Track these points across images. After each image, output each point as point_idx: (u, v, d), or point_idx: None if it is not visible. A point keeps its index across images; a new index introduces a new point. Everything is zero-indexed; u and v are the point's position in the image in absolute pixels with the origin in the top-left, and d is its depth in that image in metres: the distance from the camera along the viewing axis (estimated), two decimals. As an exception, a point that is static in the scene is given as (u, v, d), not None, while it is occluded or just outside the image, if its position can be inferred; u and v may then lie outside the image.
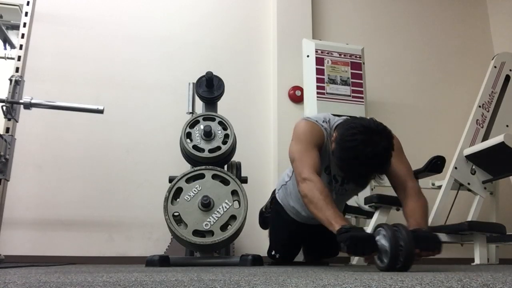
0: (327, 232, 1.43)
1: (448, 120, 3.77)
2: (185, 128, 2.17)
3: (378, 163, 1.42)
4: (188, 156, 2.18)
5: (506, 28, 4.01)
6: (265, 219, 2.42)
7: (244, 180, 2.24)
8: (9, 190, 2.31)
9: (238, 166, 2.31)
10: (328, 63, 3.12)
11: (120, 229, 2.99)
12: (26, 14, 2.56)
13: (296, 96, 3.32)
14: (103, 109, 2.38)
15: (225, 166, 2.24)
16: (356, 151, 1.38)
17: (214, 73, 2.34)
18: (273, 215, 2.23)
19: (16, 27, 3.02)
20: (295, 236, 2.16)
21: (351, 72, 3.13)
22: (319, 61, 3.10)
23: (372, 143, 1.37)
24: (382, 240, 1.21)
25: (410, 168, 1.68)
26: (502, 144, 2.55)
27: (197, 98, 2.47)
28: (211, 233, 1.94)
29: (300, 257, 2.53)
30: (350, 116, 1.68)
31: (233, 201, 2.02)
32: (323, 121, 1.65)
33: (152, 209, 2.82)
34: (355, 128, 1.41)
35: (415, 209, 1.49)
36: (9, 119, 2.29)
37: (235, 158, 2.31)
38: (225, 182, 2.05)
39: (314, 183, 1.47)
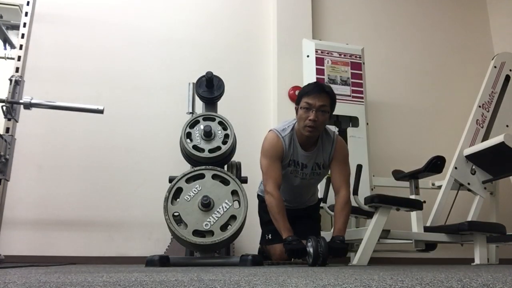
0: (306, 217, 2.23)
1: (448, 120, 3.77)
2: (185, 128, 2.17)
3: (321, 84, 2.18)
4: (188, 156, 2.18)
5: (506, 28, 4.01)
6: (265, 256, 2.47)
7: (244, 180, 2.24)
8: (9, 190, 2.31)
9: (238, 166, 2.31)
10: (328, 63, 3.12)
11: (120, 229, 2.99)
12: (26, 14, 2.56)
13: (296, 96, 3.32)
14: (103, 109, 2.38)
15: (225, 166, 2.24)
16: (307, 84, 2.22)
17: (214, 73, 2.34)
18: (259, 207, 2.52)
19: (16, 27, 3.02)
20: None
21: (351, 72, 3.13)
22: (319, 61, 3.10)
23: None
24: (309, 248, 1.84)
25: (348, 176, 2.19)
26: (502, 144, 2.55)
27: (197, 98, 2.47)
28: (211, 233, 1.94)
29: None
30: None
31: (233, 201, 2.02)
32: (285, 129, 2.14)
33: (152, 209, 2.82)
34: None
35: (339, 217, 2.04)
36: (9, 119, 2.29)
37: (235, 158, 2.31)
38: (225, 182, 2.05)
39: (274, 198, 2.01)
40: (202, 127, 2.17)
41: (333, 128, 2.96)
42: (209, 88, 2.35)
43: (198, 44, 3.46)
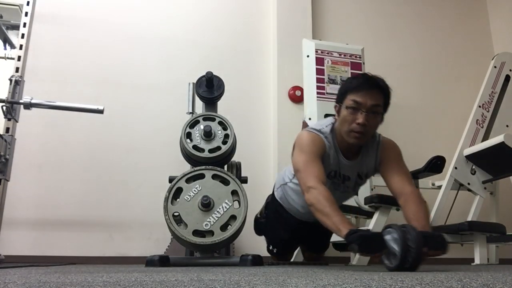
0: (323, 228, 1.50)
1: (448, 120, 3.77)
2: (185, 128, 2.17)
3: (373, 77, 1.69)
4: (188, 156, 2.18)
5: (506, 28, 4.01)
6: (260, 226, 2.44)
7: (244, 180, 2.24)
8: (9, 190, 2.31)
9: (238, 166, 2.31)
10: (328, 63, 3.12)
11: (120, 229, 2.99)
12: (26, 14, 2.56)
13: (296, 96, 3.32)
14: (103, 109, 2.39)
15: (225, 166, 2.24)
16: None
17: (214, 73, 2.34)
18: (271, 213, 2.28)
19: (16, 27, 3.02)
20: (293, 232, 2.20)
21: (351, 72, 3.13)
22: (319, 61, 3.10)
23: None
24: (391, 241, 1.21)
25: (409, 174, 1.75)
26: (502, 144, 2.54)
27: (197, 98, 2.47)
28: (211, 233, 1.94)
29: (299, 257, 2.54)
30: None
31: (233, 201, 2.01)
32: (322, 130, 1.72)
33: (152, 209, 2.82)
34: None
35: (417, 212, 1.52)
36: (9, 119, 2.29)
37: (235, 158, 2.31)
38: (225, 182, 2.05)
39: (320, 191, 1.51)
40: (202, 127, 2.17)
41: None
42: (209, 88, 2.35)
43: (198, 44, 3.46)
